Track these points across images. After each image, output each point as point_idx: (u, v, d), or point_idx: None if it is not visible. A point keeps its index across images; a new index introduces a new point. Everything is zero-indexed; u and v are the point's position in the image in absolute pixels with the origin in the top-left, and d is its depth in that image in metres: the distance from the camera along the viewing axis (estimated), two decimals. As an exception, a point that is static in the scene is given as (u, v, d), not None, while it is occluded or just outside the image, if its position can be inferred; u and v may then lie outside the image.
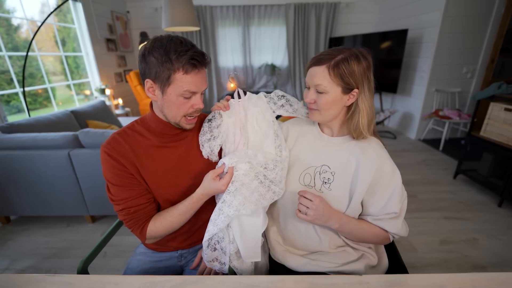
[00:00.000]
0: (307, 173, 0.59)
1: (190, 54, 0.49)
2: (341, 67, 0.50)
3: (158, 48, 0.49)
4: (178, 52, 0.49)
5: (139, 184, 0.56)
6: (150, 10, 3.36)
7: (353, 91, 0.53)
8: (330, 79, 0.51)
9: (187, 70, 0.50)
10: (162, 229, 0.57)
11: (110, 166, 0.54)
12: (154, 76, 0.51)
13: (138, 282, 0.47)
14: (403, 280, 0.47)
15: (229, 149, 0.62)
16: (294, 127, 0.66)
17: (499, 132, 1.53)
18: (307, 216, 0.52)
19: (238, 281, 0.47)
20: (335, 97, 0.53)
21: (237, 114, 0.60)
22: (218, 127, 0.61)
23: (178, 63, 0.49)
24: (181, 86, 0.51)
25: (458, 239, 1.28)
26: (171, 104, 0.53)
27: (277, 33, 3.50)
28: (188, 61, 0.49)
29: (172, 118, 0.56)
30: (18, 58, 2.01)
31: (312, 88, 0.55)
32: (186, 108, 0.54)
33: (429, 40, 2.44)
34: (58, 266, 1.17)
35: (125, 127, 0.59)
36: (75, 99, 2.64)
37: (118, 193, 0.55)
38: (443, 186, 1.80)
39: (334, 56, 0.51)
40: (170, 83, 0.51)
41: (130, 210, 0.55)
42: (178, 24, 1.82)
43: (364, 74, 0.52)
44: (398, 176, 0.54)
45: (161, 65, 0.49)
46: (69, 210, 1.41)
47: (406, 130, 2.92)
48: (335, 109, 0.55)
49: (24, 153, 1.27)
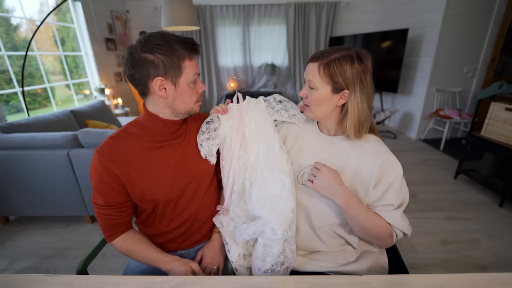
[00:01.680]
0: (305, 172, 0.59)
1: (189, 41, 0.52)
2: (332, 67, 0.51)
3: (157, 45, 0.49)
4: (178, 42, 0.51)
5: (118, 196, 0.56)
6: (150, 10, 3.35)
7: (343, 91, 0.53)
8: (320, 77, 0.53)
9: (191, 57, 0.53)
10: (126, 250, 0.59)
11: (97, 172, 0.54)
12: (164, 72, 0.51)
13: (138, 282, 0.47)
14: (404, 280, 0.47)
15: (226, 153, 0.62)
16: (293, 127, 0.66)
17: (500, 132, 1.53)
18: (313, 184, 0.53)
19: (238, 281, 0.47)
20: (324, 94, 0.54)
21: (235, 118, 0.61)
22: (215, 130, 0.62)
23: (184, 52, 0.52)
24: (190, 72, 0.54)
25: (459, 239, 1.28)
26: (184, 94, 0.55)
27: (277, 32, 3.50)
28: (192, 48, 0.53)
29: (185, 107, 0.57)
30: (17, 58, 2.01)
31: (306, 83, 0.57)
32: (196, 94, 0.57)
33: (430, 40, 2.43)
34: (57, 266, 1.17)
35: (120, 129, 0.59)
36: (75, 98, 2.63)
37: (97, 197, 0.56)
38: (443, 186, 1.79)
39: (329, 55, 0.52)
40: (181, 72, 0.53)
41: (106, 217, 0.57)
42: (178, 24, 1.81)
43: (357, 76, 0.51)
44: (397, 169, 0.53)
45: (169, 59, 0.51)
46: (68, 210, 1.40)
47: (407, 130, 2.91)
48: (325, 107, 0.56)
49: (23, 153, 1.27)
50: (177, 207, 0.62)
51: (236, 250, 0.61)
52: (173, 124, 0.59)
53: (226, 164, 0.63)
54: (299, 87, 3.70)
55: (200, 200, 0.64)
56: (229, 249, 0.62)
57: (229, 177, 0.62)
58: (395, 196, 0.53)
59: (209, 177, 0.65)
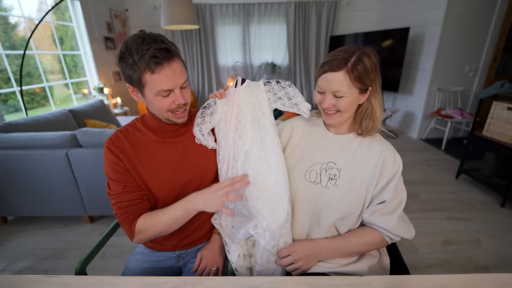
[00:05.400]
0: (313, 170, 0.59)
1: (150, 52, 0.46)
2: (358, 69, 0.51)
3: (124, 51, 0.48)
4: (139, 52, 0.47)
5: (134, 181, 0.57)
6: (149, 8, 3.33)
7: (368, 89, 0.54)
8: (351, 83, 0.51)
9: (152, 70, 0.48)
10: (151, 225, 0.55)
11: (110, 161, 0.56)
12: (130, 80, 0.51)
13: (137, 283, 0.47)
14: (405, 281, 0.47)
15: (221, 138, 0.61)
16: (299, 124, 0.65)
17: (502, 132, 1.52)
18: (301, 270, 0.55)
19: (238, 282, 0.46)
20: (354, 98, 0.54)
21: (231, 103, 0.59)
22: (211, 115, 0.60)
23: (142, 64, 0.47)
24: (153, 87, 0.50)
25: (460, 240, 1.27)
26: (153, 104, 0.53)
27: (277, 31, 3.48)
28: (150, 59, 0.47)
29: (160, 115, 0.56)
30: (15, 57, 2.00)
31: (329, 94, 0.54)
32: (168, 105, 0.53)
33: (431, 39, 2.42)
34: (56, 267, 1.16)
35: (127, 124, 0.61)
36: (73, 98, 2.62)
37: (114, 188, 0.57)
38: (445, 186, 1.78)
39: (348, 60, 0.51)
40: (143, 85, 0.50)
41: (122, 204, 0.56)
42: (177, 22, 1.80)
43: (375, 71, 0.53)
44: (398, 164, 0.55)
45: (131, 69, 0.49)
46: (67, 211, 1.40)
47: (408, 130, 2.90)
48: (353, 109, 0.57)
49: (22, 152, 1.26)
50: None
51: (236, 251, 0.60)
52: (170, 124, 0.60)
53: (220, 149, 0.62)
54: (299, 86, 3.68)
55: None
56: (229, 249, 0.61)
57: (223, 163, 0.61)
58: (392, 193, 0.54)
59: (210, 176, 0.64)
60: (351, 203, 0.56)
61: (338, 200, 0.56)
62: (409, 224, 0.57)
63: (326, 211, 0.57)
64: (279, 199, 0.54)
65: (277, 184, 0.55)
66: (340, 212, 0.56)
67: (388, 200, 0.53)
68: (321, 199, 0.57)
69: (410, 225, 0.57)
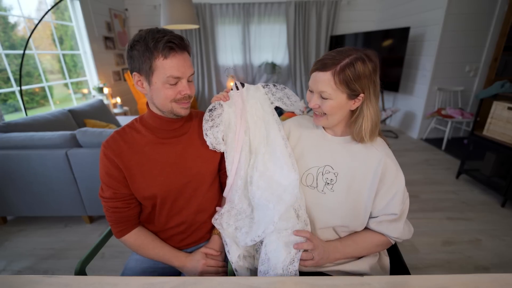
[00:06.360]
0: (310, 174, 0.58)
1: (166, 38, 0.49)
2: (346, 73, 0.48)
3: (138, 41, 0.50)
4: (155, 39, 0.49)
5: (123, 188, 0.58)
6: (149, 8, 3.33)
7: (358, 96, 0.51)
8: (335, 87, 0.49)
9: (165, 55, 0.50)
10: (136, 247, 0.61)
11: (104, 164, 0.57)
12: (139, 68, 0.52)
13: (137, 283, 0.46)
14: (405, 281, 0.47)
15: (231, 139, 0.61)
16: (296, 126, 0.65)
17: (503, 131, 1.52)
18: (313, 261, 0.53)
19: (238, 282, 0.46)
20: (340, 102, 0.51)
21: (238, 104, 0.60)
22: (219, 116, 0.61)
23: (156, 49, 0.49)
24: (163, 73, 0.51)
25: (460, 240, 1.27)
26: (159, 92, 0.53)
27: (277, 31, 3.48)
28: (165, 45, 0.49)
29: (163, 106, 0.55)
30: (15, 57, 1.99)
31: (316, 94, 0.53)
32: (173, 95, 0.54)
33: (432, 38, 2.41)
34: (56, 267, 1.16)
35: (125, 125, 0.61)
36: (73, 98, 2.62)
37: (105, 190, 0.58)
38: (445, 186, 1.78)
39: (339, 61, 0.48)
40: (153, 71, 0.51)
41: (109, 209, 0.58)
42: (177, 22, 1.80)
43: (370, 78, 0.50)
44: (401, 177, 0.54)
45: (142, 56, 0.50)
46: (67, 211, 1.39)
47: (408, 130, 2.90)
48: (341, 114, 0.54)
49: (21, 152, 1.25)
50: (175, 206, 0.61)
51: (236, 251, 0.60)
52: (171, 122, 0.59)
53: (230, 150, 0.62)
54: (300, 86, 3.68)
55: (199, 201, 0.63)
56: (229, 250, 0.61)
57: (233, 163, 0.61)
58: (399, 205, 0.53)
59: (209, 178, 0.64)
60: (348, 210, 0.55)
61: (334, 207, 0.55)
62: (409, 223, 0.57)
63: (322, 217, 0.56)
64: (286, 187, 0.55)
65: (283, 175, 0.56)
66: (336, 220, 0.56)
67: (399, 213, 0.53)
68: (317, 205, 0.57)
69: (410, 224, 0.57)
